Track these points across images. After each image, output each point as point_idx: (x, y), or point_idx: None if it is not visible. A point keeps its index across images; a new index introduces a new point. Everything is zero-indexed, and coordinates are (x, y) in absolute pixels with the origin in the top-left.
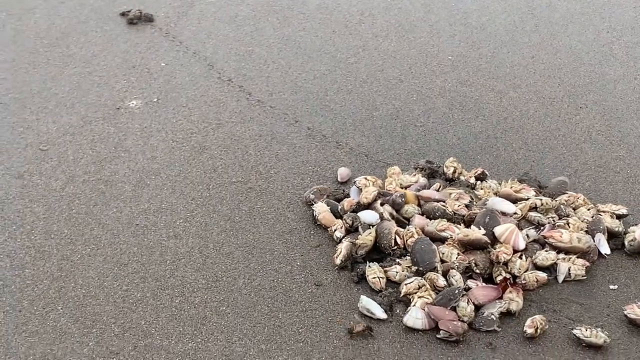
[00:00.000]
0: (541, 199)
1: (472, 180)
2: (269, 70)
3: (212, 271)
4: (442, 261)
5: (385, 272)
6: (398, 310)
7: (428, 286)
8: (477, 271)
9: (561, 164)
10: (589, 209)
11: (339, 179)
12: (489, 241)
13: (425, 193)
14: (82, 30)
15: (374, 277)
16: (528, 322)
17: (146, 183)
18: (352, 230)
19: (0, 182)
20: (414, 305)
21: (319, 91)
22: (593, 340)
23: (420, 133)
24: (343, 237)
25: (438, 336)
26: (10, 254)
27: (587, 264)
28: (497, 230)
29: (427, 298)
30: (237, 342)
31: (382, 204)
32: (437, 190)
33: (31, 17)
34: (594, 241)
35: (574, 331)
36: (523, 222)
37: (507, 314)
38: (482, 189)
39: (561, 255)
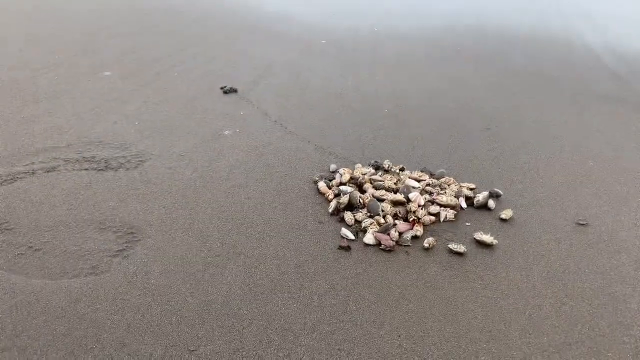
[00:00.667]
0: (432, 181)
1: (397, 171)
2: (293, 115)
3: (265, 215)
4: (382, 211)
5: (354, 216)
6: (360, 235)
7: (375, 223)
8: (400, 215)
9: (442, 161)
10: (456, 185)
11: (330, 170)
12: (405, 200)
13: (374, 177)
14: (202, 96)
15: (349, 218)
16: (425, 240)
17: (235, 168)
18: (337, 194)
19: (161, 171)
20: (368, 233)
21: (321, 126)
22: (458, 250)
23: (371, 147)
24: (333, 199)
25: (380, 247)
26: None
27: (455, 212)
28: (411, 195)
29: (375, 228)
30: (276, 247)
31: (350, 183)
32: (380, 176)
33: (174, 90)
34: (459, 201)
35: (449, 245)
36: (423, 192)
37: (415, 237)
38: (402, 175)
39: (442, 208)
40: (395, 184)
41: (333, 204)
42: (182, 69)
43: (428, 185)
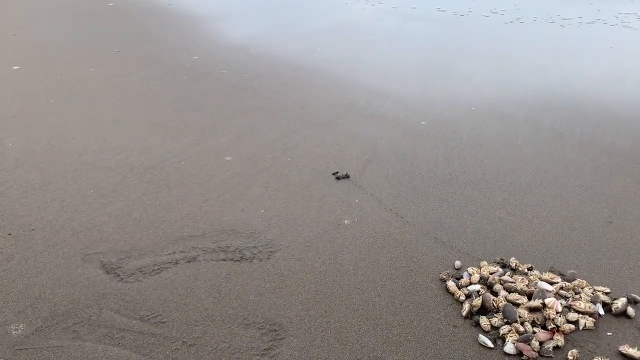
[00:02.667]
0: (565, 283)
1: (526, 270)
2: (407, 203)
3: (399, 316)
4: (520, 317)
5: (490, 321)
6: (499, 343)
7: (514, 330)
8: (538, 323)
9: (567, 259)
10: (589, 288)
11: (455, 267)
12: (541, 306)
13: (504, 278)
14: (316, 182)
15: (485, 324)
16: (569, 353)
17: (360, 261)
18: (468, 296)
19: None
20: (508, 342)
21: (437, 216)
22: None
23: (492, 240)
24: (464, 300)
25: (522, 359)
26: None
27: (594, 320)
28: (547, 301)
29: (514, 337)
30: (415, 353)
31: (480, 283)
32: (510, 276)
33: (290, 176)
34: (596, 307)
35: (594, 359)
36: (557, 296)
37: (556, 347)
38: (532, 275)
39: (580, 315)
40: (527, 286)
41: (466, 307)
42: (295, 153)
43: (561, 288)
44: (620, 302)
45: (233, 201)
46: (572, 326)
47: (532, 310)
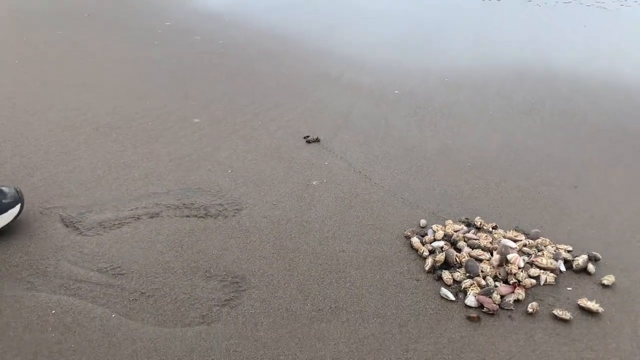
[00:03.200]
0: (528, 241)
1: (490, 229)
2: (376, 166)
3: (361, 270)
4: (482, 272)
5: (452, 276)
6: (460, 296)
7: (476, 284)
8: (500, 277)
9: (533, 220)
10: (552, 246)
11: (420, 225)
12: (504, 262)
13: (468, 235)
14: (286, 145)
15: (447, 278)
16: (529, 305)
17: (327, 219)
18: (431, 251)
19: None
20: (470, 295)
21: (405, 179)
22: (563, 316)
23: (458, 202)
24: (428, 256)
25: (483, 311)
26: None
27: (555, 275)
28: (509, 257)
29: (475, 290)
30: (377, 304)
31: (444, 240)
32: (474, 234)
33: (260, 139)
34: (557, 263)
35: (553, 311)
36: (520, 252)
37: (517, 301)
38: (496, 234)
39: (541, 271)
40: (490, 243)
41: (429, 262)
42: (265, 117)
43: (525, 246)
44: (581, 259)
45: (200, 161)
46: (534, 281)
47: (495, 266)
